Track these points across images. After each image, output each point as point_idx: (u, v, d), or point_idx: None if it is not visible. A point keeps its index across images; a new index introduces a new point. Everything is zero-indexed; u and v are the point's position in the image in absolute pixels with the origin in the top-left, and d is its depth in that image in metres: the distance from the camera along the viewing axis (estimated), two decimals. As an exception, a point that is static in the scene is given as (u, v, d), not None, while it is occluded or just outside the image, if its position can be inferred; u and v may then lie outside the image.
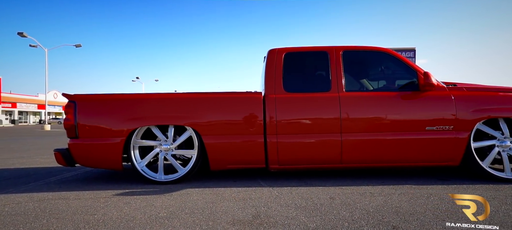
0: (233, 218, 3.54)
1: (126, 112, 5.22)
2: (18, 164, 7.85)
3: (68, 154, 5.22)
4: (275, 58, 5.55)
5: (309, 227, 3.26)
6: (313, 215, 3.60)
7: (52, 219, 3.54)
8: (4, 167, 7.46)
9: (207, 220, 3.47)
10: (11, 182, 5.59)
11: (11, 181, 5.65)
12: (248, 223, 3.38)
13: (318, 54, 5.65)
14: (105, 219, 3.53)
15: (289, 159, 5.29)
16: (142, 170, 5.28)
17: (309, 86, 5.60)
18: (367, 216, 3.55)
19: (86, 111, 5.24)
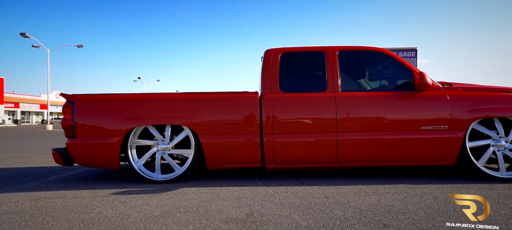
0: (226, 216, 3.59)
1: (123, 112, 5.26)
2: (18, 164, 7.91)
3: (66, 153, 5.27)
4: (272, 58, 5.58)
5: (301, 225, 3.30)
6: (306, 214, 3.64)
7: (47, 218, 3.58)
8: (4, 166, 7.52)
9: (200, 219, 3.51)
10: (10, 181, 5.65)
11: (10, 180, 5.70)
12: (241, 221, 3.42)
13: (314, 54, 5.68)
14: (100, 217, 3.58)
15: (285, 158, 5.33)
16: (140, 169, 5.32)
17: (306, 86, 5.64)
18: (359, 215, 3.58)
19: (84, 111, 5.29)
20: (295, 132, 5.28)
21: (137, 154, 5.45)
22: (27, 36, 38.10)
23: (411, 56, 40.14)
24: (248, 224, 3.33)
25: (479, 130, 5.24)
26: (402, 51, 40.11)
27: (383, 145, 5.25)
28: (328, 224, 3.32)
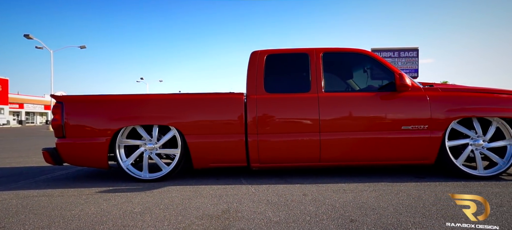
0: (203, 213, 3.74)
1: (111, 113, 5.42)
2: (14, 163, 8.09)
3: (55, 153, 5.44)
4: (257, 60, 5.73)
5: (272, 221, 3.44)
6: (280, 210, 3.78)
7: (30, 215, 3.74)
8: (1, 166, 7.69)
9: (177, 215, 3.66)
10: (2, 180, 5.82)
11: (2, 179, 5.87)
12: (216, 217, 3.57)
13: (299, 56, 5.83)
14: (81, 214, 3.73)
15: (269, 157, 5.48)
16: (127, 169, 5.48)
17: (290, 87, 5.79)
18: (331, 211, 3.73)
19: (73, 112, 5.45)
20: (279, 131, 5.43)
21: (126, 154, 5.60)
22: (30, 38, 38.38)
23: (413, 56, 40.23)
24: (222, 220, 3.47)
25: (458, 130, 5.36)
26: (404, 51, 40.18)
27: (365, 145, 5.39)
28: (298, 220, 3.46)
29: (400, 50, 40.61)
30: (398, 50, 40.54)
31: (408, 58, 40.47)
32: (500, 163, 5.31)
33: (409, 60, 40.47)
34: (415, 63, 40.53)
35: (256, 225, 3.32)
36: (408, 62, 40.43)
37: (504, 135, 5.36)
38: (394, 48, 40.60)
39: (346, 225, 3.29)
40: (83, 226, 3.33)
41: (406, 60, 40.44)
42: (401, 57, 40.39)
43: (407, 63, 40.46)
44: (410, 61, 40.45)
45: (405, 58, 40.50)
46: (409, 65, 40.48)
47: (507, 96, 5.37)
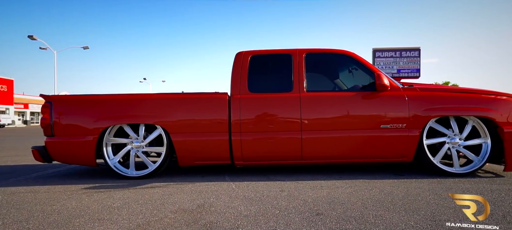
0: (179, 207, 3.90)
1: (98, 112, 5.60)
2: (10, 162, 8.29)
3: (44, 151, 5.62)
4: (241, 61, 5.90)
5: (241, 214, 3.61)
6: (253, 205, 3.95)
7: (12, 210, 3.91)
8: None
9: (153, 209, 3.83)
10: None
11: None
12: (189, 211, 3.74)
13: (282, 56, 6.00)
14: (61, 209, 3.90)
15: (252, 155, 5.65)
16: (115, 166, 5.66)
17: (273, 87, 5.96)
18: (301, 205, 3.89)
19: (61, 111, 5.63)
20: (262, 130, 5.60)
21: (114, 152, 5.77)
22: (34, 39, 38.65)
23: (415, 55, 40.26)
24: (194, 214, 3.64)
25: (436, 128, 5.52)
26: (405, 51, 40.21)
27: (345, 143, 5.56)
28: (267, 213, 3.63)
29: (401, 50, 40.63)
30: (399, 50, 40.56)
31: (410, 58, 40.49)
32: (475, 161, 5.45)
33: (411, 60, 40.49)
34: (417, 63, 40.54)
35: (225, 218, 3.49)
36: (410, 62, 40.46)
37: (479, 133, 5.49)
38: (395, 48, 40.64)
39: (311, 218, 3.45)
40: (60, 219, 3.50)
41: (407, 60, 40.46)
42: (402, 57, 40.42)
43: (409, 63, 40.48)
44: (412, 61, 40.47)
45: (407, 58, 40.52)
46: (411, 65, 40.51)
47: (483, 96, 5.51)
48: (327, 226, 3.23)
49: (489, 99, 5.43)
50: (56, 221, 3.44)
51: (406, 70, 40.28)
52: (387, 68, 40.06)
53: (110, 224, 3.32)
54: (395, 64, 40.36)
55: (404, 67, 40.29)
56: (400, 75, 40.05)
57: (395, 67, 40.20)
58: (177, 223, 3.36)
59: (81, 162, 5.70)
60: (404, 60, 40.25)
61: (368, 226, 3.22)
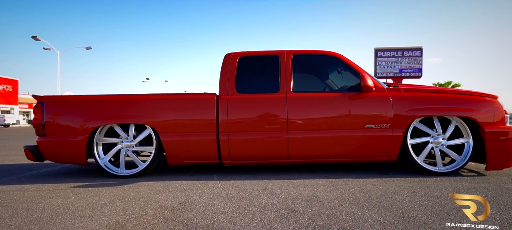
0: (160, 205, 4.03)
1: (89, 113, 5.73)
2: (7, 161, 8.43)
3: (36, 150, 5.76)
4: (230, 62, 6.02)
5: (220, 212, 3.73)
6: (233, 203, 4.07)
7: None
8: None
9: (135, 207, 3.95)
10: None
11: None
12: (170, 208, 3.87)
13: (270, 58, 6.12)
14: (46, 206, 4.02)
15: (240, 155, 5.77)
16: (105, 165, 5.79)
17: (260, 87, 6.07)
18: (280, 203, 4.01)
19: (53, 111, 5.76)
20: (249, 130, 5.72)
21: (106, 151, 5.91)
22: (38, 39, 38.88)
23: (416, 55, 40.28)
24: (174, 211, 3.77)
25: (420, 128, 5.63)
26: (407, 51, 40.21)
27: (331, 142, 5.67)
28: (244, 211, 3.75)
29: (403, 49, 40.66)
30: (401, 49, 40.59)
31: (412, 58, 40.51)
32: (458, 160, 5.56)
33: (413, 60, 40.51)
34: (419, 62, 40.56)
35: (202, 215, 3.61)
36: (412, 62, 40.48)
37: (462, 133, 5.59)
38: (397, 48, 40.64)
39: (286, 215, 3.57)
40: (43, 217, 3.63)
41: (409, 59, 40.48)
42: (404, 56, 40.44)
43: (410, 62, 40.51)
44: (413, 61, 40.49)
45: (409, 58, 40.54)
46: (413, 64, 40.53)
47: (465, 97, 5.62)
48: (299, 222, 3.34)
49: (471, 100, 5.53)
50: (39, 219, 3.56)
51: (408, 70, 40.31)
52: (389, 68, 40.16)
53: (90, 221, 3.44)
54: (397, 64, 40.39)
55: (406, 67, 40.32)
56: (402, 75, 40.11)
57: (397, 67, 40.27)
58: (155, 219, 3.48)
59: (72, 161, 5.83)
60: (406, 60, 40.26)
61: (338, 222, 3.33)
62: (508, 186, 4.81)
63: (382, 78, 40.57)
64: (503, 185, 4.87)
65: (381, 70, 40.61)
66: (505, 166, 5.45)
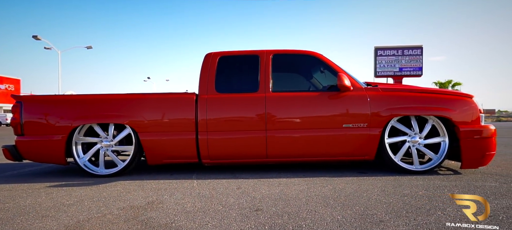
0: (128, 204, 4.04)
1: (67, 112, 5.75)
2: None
3: (14, 150, 5.79)
4: (210, 61, 6.05)
5: (185, 210, 3.76)
6: (201, 202, 4.09)
7: (-36, 207, 4.06)
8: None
9: (101, 206, 3.96)
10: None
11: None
12: (136, 208, 3.89)
13: (250, 57, 6.14)
14: (13, 206, 4.01)
15: (219, 154, 5.80)
16: (84, 165, 5.82)
17: (239, 87, 6.10)
18: (247, 202, 4.03)
19: (31, 111, 5.79)
20: (227, 129, 5.75)
21: (87, 151, 5.93)
22: (39, 39, 39.01)
23: (417, 54, 40.26)
24: (139, 210, 3.79)
25: (397, 127, 5.64)
26: (407, 49, 40.19)
27: (309, 142, 5.69)
28: (209, 210, 3.77)
29: (403, 48, 40.64)
30: (401, 48, 40.57)
31: (412, 56, 40.50)
32: (434, 158, 5.59)
33: (413, 59, 40.49)
34: (419, 61, 40.54)
35: (165, 214, 3.63)
36: (412, 61, 40.47)
37: (439, 132, 5.60)
38: (397, 47, 40.63)
39: (247, 214, 3.59)
40: (4, 217, 3.60)
41: (409, 58, 40.46)
42: (404, 55, 40.43)
43: (411, 61, 40.49)
44: (414, 60, 40.47)
45: (409, 56, 40.53)
46: (413, 63, 40.52)
47: (441, 96, 5.64)
48: (257, 221, 3.36)
49: (447, 100, 5.55)
50: (0, 219, 3.58)
51: (408, 69, 40.29)
52: (389, 66, 40.14)
53: (50, 221, 3.45)
54: (397, 63, 40.38)
55: (406, 66, 40.31)
56: (402, 73, 40.10)
57: (397, 65, 40.26)
58: (116, 219, 3.50)
59: (51, 161, 5.86)
60: (406, 59, 40.24)
61: (296, 220, 3.36)
62: (478, 183, 4.84)
63: (382, 77, 40.61)
64: (473, 182, 4.90)
65: (381, 69, 40.64)
66: (480, 165, 5.48)
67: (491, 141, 5.47)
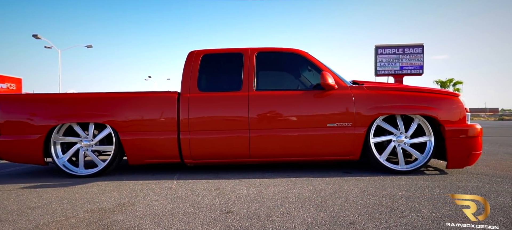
0: (97, 206, 3.91)
1: (46, 111, 5.63)
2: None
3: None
4: (193, 60, 5.92)
5: (153, 213, 3.63)
6: (174, 203, 3.97)
7: None
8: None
9: (68, 209, 3.81)
10: None
11: None
12: (104, 210, 3.76)
13: (234, 55, 6.01)
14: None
15: (201, 154, 5.67)
16: (63, 165, 5.69)
17: (222, 86, 5.97)
18: (221, 204, 3.90)
19: (8, 110, 5.67)
20: (210, 129, 5.62)
21: (67, 151, 5.80)
22: (39, 38, 38.90)
23: (418, 52, 40.03)
24: (106, 213, 3.66)
25: (383, 127, 5.51)
26: (408, 48, 39.97)
27: (292, 141, 5.56)
28: (178, 212, 3.64)
29: (404, 46, 40.40)
30: (402, 46, 40.33)
31: (413, 55, 40.26)
32: (420, 158, 5.46)
33: (414, 57, 40.25)
34: (420, 60, 40.30)
35: (131, 217, 3.50)
36: (413, 59, 40.22)
37: (425, 131, 5.48)
38: (398, 45, 40.39)
39: (217, 216, 3.47)
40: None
41: (410, 57, 40.22)
42: (405, 53, 40.20)
43: (412, 60, 40.25)
44: (415, 58, 40.23)
45: (410, 55, 40.28)
46: (414, 62, 40.28)
47: (426, 94, 5.51)
48: (224, 224, 3.25)
49: (433, 98, 5.43)
50: (-40, 222, 3.46)
51: (409, 67, 40.07)
52: (389, 65, 39.94)
53: (8, 226, 3.30)
54: (398, 61, 40.17)
55: (407, 64, 40.09)
56: (403, 72, 39.90)
57: (398, 64, 40.05)
58: (78, 223, 3.37)
59: (29, 161, 5.74)
60: (407, 57, 40.00)
61: (265, 223, 3.24)
62: (461, 184, 4.73)
63: (383, 75, 40.43)
64: (456, 183, 4.78)
65: (382, 67, 40.44)
66: (466, 164, 5.35)
67: (477, 140, 5.33)
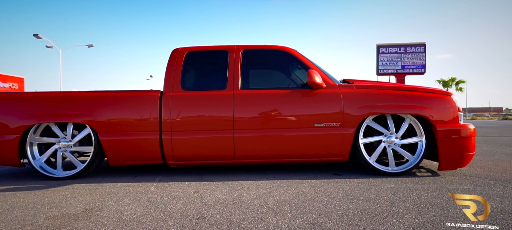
0: (62, 212, 3.68)
1: (21, 110, 5.40)
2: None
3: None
4: (177, 57, 5.70)
5: (120, 219, 3.41)
6: (145, 208, 3.75)
7: None
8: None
9: (28, 216, 3.54)
10: None
11: None
12: (68, 216, 3.53)
13: (219, 53, 5.79)
14: None
15: (184, 155, 5.45)
16: (40, 167, 5.47)
17: (206, 84, 5.75)
18: (195, 209, 3.69)
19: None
20: (193, 129, 5.40)
21: (44, 152, 5.59)
22: (40, 37, 38.80)
23: (420, 51, 39.83)
24: (69, 220, 3.43)
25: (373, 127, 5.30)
26: (410, 47, 39.76)
27: (279, 142, 5.34)
28: (146, 218, 3.42)
29: (406, 45, 40.19)
30: (404, 45, 40.11)
31: (415, 54, 40.06)
32: (410, 159, 5.25)
33: (416, 56, 40.05)
34: (422, 59, 40.09)
35: (94, 224, 3.29)
36: (415, 58, 40.02)
37: (416, 131, 5.26)
38: (400, 44, 40.17)
39: (186, 224, 3.25)
40: None
41: (412, 56, 40.01)
42: (407, 52, 40.00)
43: (414, 59, 40.04)
44: (417, 57, 40.03)
45: (412, 54, 40.08)
46: (416, 61, 40.07)
47: (417, 93, 5.29)
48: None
49: (424, 97, 5.21)
50: None
51: (411, 66, 39.87)
52: (391, 64, 39.73)
53: None
54: (400, 60, 39.96)
55: (408, 63, 39.89)
56: (405, 71, 39.69)
57: (400, 63, 39.85)
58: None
59: (3, 162, 5.51)
60: (409, 56, 39.80)
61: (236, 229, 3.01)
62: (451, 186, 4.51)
63: (385, 75, 40.23)
64: (446, 185, 4.57)
65: (384, 66, 40.25)
66: (459, 166, 5.12)
67: (470, 141, 5.10)
